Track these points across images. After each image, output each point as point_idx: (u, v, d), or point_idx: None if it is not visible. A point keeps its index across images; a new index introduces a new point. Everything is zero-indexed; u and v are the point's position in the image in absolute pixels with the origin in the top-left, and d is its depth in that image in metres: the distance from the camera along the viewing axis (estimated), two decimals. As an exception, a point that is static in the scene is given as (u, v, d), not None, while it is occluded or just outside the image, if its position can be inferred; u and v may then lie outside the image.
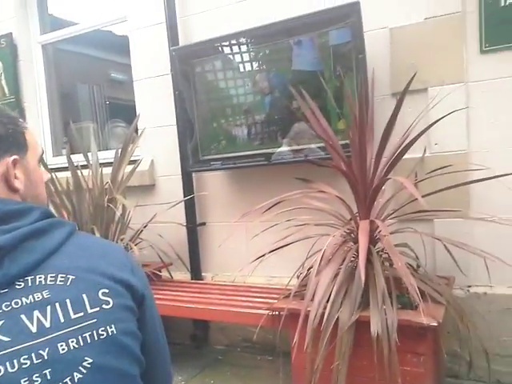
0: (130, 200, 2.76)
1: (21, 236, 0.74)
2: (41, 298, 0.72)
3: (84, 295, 0.75)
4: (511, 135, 2.05)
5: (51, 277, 0.75)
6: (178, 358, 2.47)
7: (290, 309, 1.82)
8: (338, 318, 1.69)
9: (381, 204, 2.02)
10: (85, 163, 2.77)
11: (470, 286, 2.13)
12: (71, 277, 0.76)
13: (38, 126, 3.55)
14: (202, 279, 2.81)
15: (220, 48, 2.51)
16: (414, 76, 1.76)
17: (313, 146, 2.34)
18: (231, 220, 2.61)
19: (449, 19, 2.09)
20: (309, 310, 1.69)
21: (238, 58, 2.53)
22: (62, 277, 0.75)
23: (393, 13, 2.21)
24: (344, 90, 2.07)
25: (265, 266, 2.13)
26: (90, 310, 0.75)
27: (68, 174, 2.67)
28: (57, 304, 0.73)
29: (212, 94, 2.62)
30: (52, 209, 2.70)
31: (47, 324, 0.71)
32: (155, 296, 2.42)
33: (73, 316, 0.73)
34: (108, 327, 0.75)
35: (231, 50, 2.50)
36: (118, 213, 2.57)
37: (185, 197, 2.74)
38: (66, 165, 2.72)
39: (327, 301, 1.73)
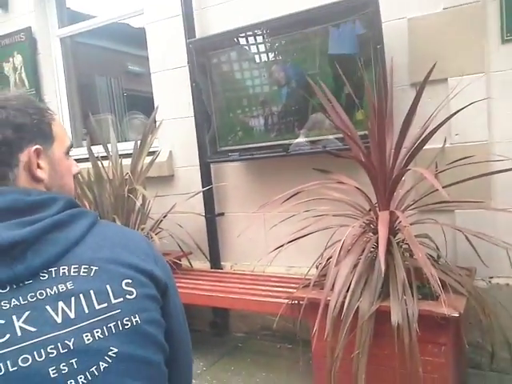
0: (149, 191, 2.80)
1: (43, 228, 0.74)
2: (65, 289, 0.73)
3: (108, 286, 0.76)
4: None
5: (74, 268, 0.75)
6: (198, 345, 2.51)
7: (310, 298, 1.84)
8: (357, 308, 1.71)
9: (400, 195, 2.02)
10: (104, 154, 2.82)
11: (491, 277, 2.12)
12: (94, 268, 0.77)
13: (59, 117, 3.58)
14: (221, 268, 2.85)
15: (236, 40, 2.51)
16: (434, 66, 1.75)
17: (330, 136, 2.35)
18: (249, 210, 2.64)
19: (468, 8, 2.07)
20: (329, 300, 1.71)
21: (254, 49, 2.53)
22: (85, 268, 0.76)
23: (411, 3, 2.19)
24: (363, 80, 2.06)
25: (284, 256, 2.15)
26: (113, 301, 0.76)
27: (88, 165, 2.71)
28: (81, 295, 0.74)
29: (229, 86, 2.64)
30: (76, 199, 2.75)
31: (72, 315, 0.72)
32: (177, 285, 2.47)
33: (97, 307, 0.74)
34: (132, 317, 0.76)
35: (247, 41, 2.50)
36: (139, 203, 2.62)
37: (203, 187, 2.78)
38: (87, 156, 2.76)
39: (347, 290, 1.75)
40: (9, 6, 3.51)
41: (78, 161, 2.83)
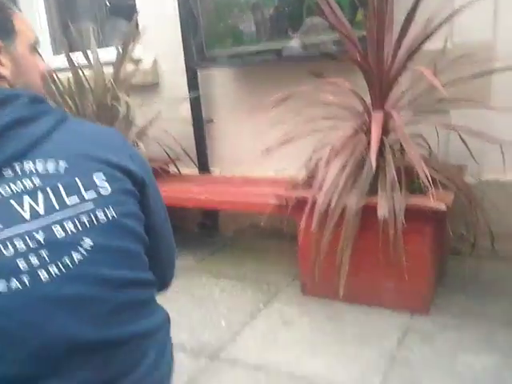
0: (134, 99, 2.69)
1: (6, 124, 0.71)
2: (31, 184, 0.70)
3: (77, 179, 0.73)
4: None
5: (40, 162, 0.72)
6: (188, 245, 2.53)
7: (299, 196, 1.84)
8: (345, 205, 1.71)
9: (396, 95, 1.96)
10: (86, 63, 2.68)
11: (482, 175, 2.11)
12: (62, 162, 0.73)
13: (36, 25, 3.38)
14: (210, 173, 2.81)
15: None
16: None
17: (327, 39, 2.23)
18: (239, 117, 2.56)
19: None
20: (316, 197, 1.70)
21: None
22: (52, 162, 0.72)
23: None
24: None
25: (273, 161, 2.12)
26: (85, 195, 0.72)
27: (69, 74, 2.58)
28: (48, 189, 0.70)
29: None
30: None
31: (41, 210, 0.69)
32: (164, 189, 2.44)
33: (68, 201, 0.71)
34: (107, 211, 0.73)
35: None
36: (122, 111, 2.52)
37: (190, 94, 2.68)
38: (67, 65, 2.62)
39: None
40: None
41: (58, 70, 2.76)
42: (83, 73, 2.63)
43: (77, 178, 0.73)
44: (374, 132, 1.64)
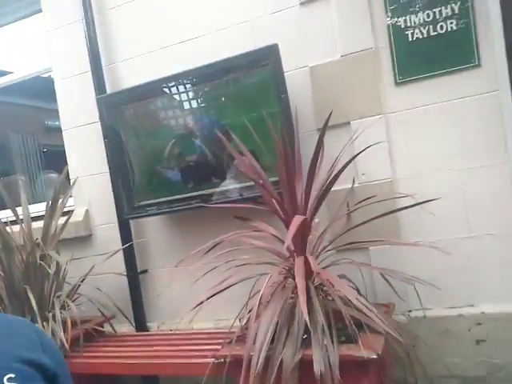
0: (65, 253, 2.65)
1: None
2: None
3: None
4: (431, 161, 2.15)
5: None
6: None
7: (233, 355, 1.78)
8: (281, 360, 1.66)
9: (316, 238, 2.04)
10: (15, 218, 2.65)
11: (410, 311, 2.16)
12: None
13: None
14: (147, 330, 2.70)
15: (146, 93, 2.50)
16: (330, 114, 1.82)
17: (248, 184, 2.35)
18: (173, 265, 2.55)
19: (363, 55, 2.20)
20: (251, 355, 1.65)
21: (163, 102, 2.54)
22: None
23: (312, 52, 2.30)
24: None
25: (212, 310, 2.08)
26: None
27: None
28: None
29: (141, 140, 2.60)
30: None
31: None
32: (99, 354, 2.29)
33: None
34: None
35: (156, 95, 2.50)
36: (52, 270, 2.44)
37: (123, 245, 2.67)
38: (-5, 221, 2.58)
39: (271, 342, 1.71)
40: None
41: None
42: (11, 230, 2.59)
43: None
44: (299, 283, 1.65)
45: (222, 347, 1.92)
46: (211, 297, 1.93)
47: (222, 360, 1.86)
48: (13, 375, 0.71)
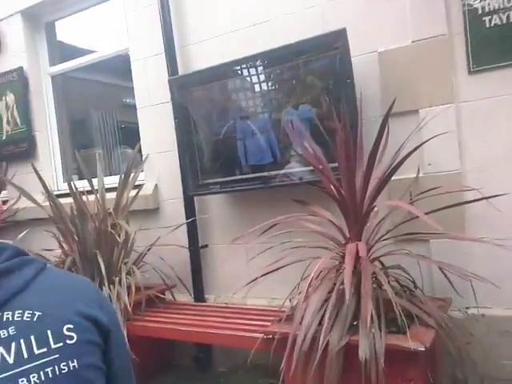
0: (134, 223, 2.83)
1: None
2: (6, 334, 0.76)
3: (49, 331, 0.78)
4: (503, 153, 2.04)
5: (18, 313, 0.78)
6: (181, 382, 2.48)
7: (281, 332, 1.83)
8: (327, 342, 1.69)
9: (374, 225, 2.03)
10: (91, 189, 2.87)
11: (467, 308, 2.09)
12: (38, 313, 0.79)
13: (49, 152, 3.67)
14: (204, 301, 2.84)
15: (216, 75, 2.58)
16: (394, 100, 1.79)
17: (309, 168, 2.37)
18: (232, 242, 2.64)
19: (435, 42, 2.11)
20: (297, 334, 1.70)
21: (233, 84, 2.60)
22: (28, 313, 0.78)
23: (381, 37, 2.25)
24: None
25: (265, 288, 2.15)
26: (53, 346, 0.77)
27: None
28: (21, 340, 0.76)
29: (209, 121, 2.69)
30: (60, 234, 2.80)
31: (10, 360, 0.74)
32: (157, 319, 2.43)
33: (36, 352, 0.76)
34: (70, 362, 0.77)
35: (226, 77, 2.57)
36: (121, 238, 2.63)
37: (187, 220, 2.80)
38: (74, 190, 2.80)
39: (319, 324, 1.74)
40: (2, 48, 3.63)
41: (67, 195, 2.95)
42: (87, 199, 2.81)
43: (49, 331, 0.78)
44: (347, 267, 1.67)
45: (272, 324, 1.99)
46: (264, 275, 2.00)
47: (271, 336, 1.93)
48: (71, 326, 0.80)
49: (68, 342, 0.79)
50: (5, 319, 0.77)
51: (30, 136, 3.55)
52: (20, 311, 0.79)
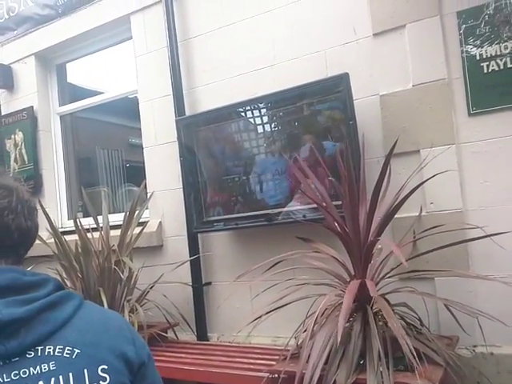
0: (137, 260, 2.84)
1: (38, 308, 0.80)
2: (47, 369, 0.78)
3: (85, 370, 0.81)
4: (504, 193, 2.09)
5: (59, 348, 0.80)
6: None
7: (287, 371, 1.81)
8: (335, 381, 1.67)
9: (378, 263, 2.04)
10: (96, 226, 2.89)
11: (475, 346, 2.07)
12: (77, 350, 0.81)
13: (55, 190, 3.72)
14: (208, 340, 2.80)
15: (221, 116, 2.67)
16: (396, 140, 1.85)
17: (312, 206, 2.41)
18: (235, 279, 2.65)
19: (436, 85, 2.20)
20: (304, 373, 1.68)
21: (237, 125, 2.69)
22: (68, 349, 0.81)
23: (383, 81, 2.34)
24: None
25: (269, 326, 2.13)
26: None
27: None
28: (60, 377, 0.78)
29: (214, 160, 2.76)
30: (63, 271, 2.80)
31: None
32: (160, 358, 2.41)
33: None
34: None
35: (231, 118, 2.65)
36: (124, 275, 2.63)
37: (190, 257, 2.81)
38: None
39: (325, 363, 1.72)
40: (14, 88, 3.76)
41: (71, 232, 2.96)
42: (92, 236, 2.82)
43: (85, 370, 0.80)
44: (345, 303, 1.67)
45: (277, 363, 1.96)
46: (269, 312, 1.99)
47: (276, 375, 1.91)
48: (106, 367, 0.83)
49: (102, 383, 0.81)
50: (46, 353, 0.79)
51: (36, 174, 3.61)
52: (61, 346, 0.81)
